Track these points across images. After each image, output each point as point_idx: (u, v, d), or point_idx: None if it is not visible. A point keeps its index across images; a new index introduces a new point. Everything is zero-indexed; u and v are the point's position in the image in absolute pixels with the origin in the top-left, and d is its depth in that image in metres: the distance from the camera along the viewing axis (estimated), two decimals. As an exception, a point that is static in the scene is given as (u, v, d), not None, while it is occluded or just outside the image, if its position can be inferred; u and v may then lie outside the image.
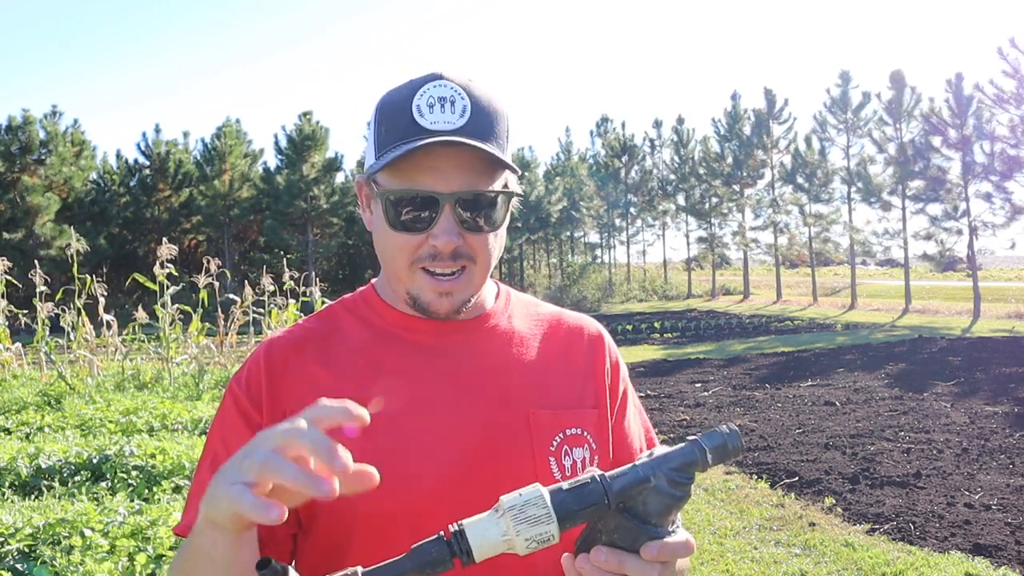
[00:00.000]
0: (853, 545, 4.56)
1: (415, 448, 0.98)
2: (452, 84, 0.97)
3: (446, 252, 0.97)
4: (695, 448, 0.78)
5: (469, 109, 0.96)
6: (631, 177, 35.39)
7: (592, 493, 0.75)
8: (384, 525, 0.95)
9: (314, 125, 29.66)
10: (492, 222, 0.99)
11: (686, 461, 0.77)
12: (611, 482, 0.76)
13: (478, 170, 0.97)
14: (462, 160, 0.95)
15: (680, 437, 7.40)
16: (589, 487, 0.76)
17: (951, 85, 20.50)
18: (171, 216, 30.93)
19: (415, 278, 0.99)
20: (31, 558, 3.36)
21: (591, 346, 1.15)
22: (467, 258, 0.98)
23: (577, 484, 0.76)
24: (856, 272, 26.68)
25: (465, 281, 0.99)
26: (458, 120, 0.95)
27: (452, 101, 0.96)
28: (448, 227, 0.95)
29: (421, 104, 0.96)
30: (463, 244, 0.97)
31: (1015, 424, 7.40)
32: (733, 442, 0.78)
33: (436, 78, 0.97)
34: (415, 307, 1.01)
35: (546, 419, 1.04)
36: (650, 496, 0.77)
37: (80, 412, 6.65)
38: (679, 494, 0.78)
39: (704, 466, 0.78)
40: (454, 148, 0.95)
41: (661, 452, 0.79)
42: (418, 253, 0.98)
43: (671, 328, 19.08)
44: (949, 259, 21.80)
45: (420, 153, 0.94)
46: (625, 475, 0.77)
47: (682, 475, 0.77)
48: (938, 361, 11.90)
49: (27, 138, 26.79)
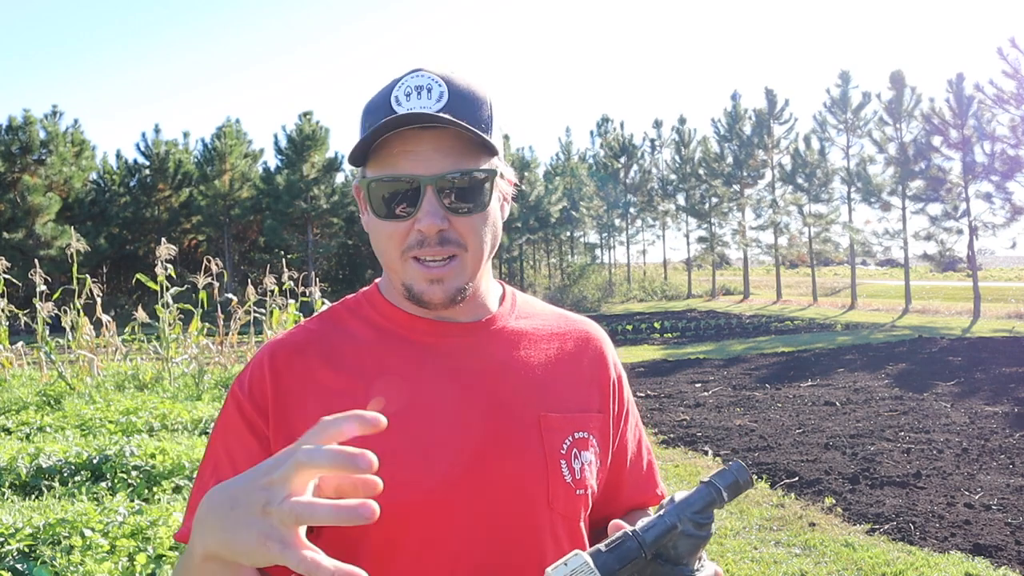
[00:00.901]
0: (853, 545, 4.56)
1: (423, 447, 0.97)
2: (430, 74, 0.98)
3: (431, 236, 0.96)
4: (711, 489, 0.86)
5: (446, 95, 0.96)
6: (631, 177, 35.39)
7: (631, 550, 0.82)
8: (397, 523, 0.95)
9: (314, 125, 29.64)
10: (478, 204, 0.98)
11: (706, 503, 0.86)
12: (644, 535, 0.84)
13: (459, 152, 0.96)
14: (441, 143, 0.95)
15: (680, 437, 7.40)
16: (627, 544, 0.83)
17: (951, 85, 20.49)
18: (171, 216, 30.92)
19: (407, 268, 0.99)
20: (31, 558, 3.36)
21: (596, 352, 1.16)
22: (456, 244, 0.97)
23: (615, 543, 0.83)
24: (856, 272, 26.67)
25: (457, 268, 0.98)
26: (434, 105, 0.95)
27: (429, 88, 0.96)
28: (431, 210, 0.95)
29: (399, 94, 0.97)
30: (449, 228, 0.97)
31: (1015, 424, 7.40)
32: (743, 477, 0.87)
33: (415, 71, 0.99)
34: (410, 298, 1.00)
35: (556, 422, 1.04)
36: (680, 540, 0.85)
37: (80, 412, 6.66)
38: (704, 534, 0.86)
39: (722, 504, 0.86)
40: (432, 132, 0.95)
41: (681, 497, 0.88)
42: (407, 242, 0.97)
43: (671, 328, 19.08)
44: (949, 259, 21.79)
45: (398, 139, 0.95)
46: (655, 526, 0.84)
47: (704, 516, 0.86)
48: (938, 361, 11.90)
49: (27, 138, 26.78)
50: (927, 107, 21.73)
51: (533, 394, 1.05)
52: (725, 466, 0.87)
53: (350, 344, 1.04)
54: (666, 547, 0.84)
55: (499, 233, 1.05)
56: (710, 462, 6.55)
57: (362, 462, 0.64)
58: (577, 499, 1.04)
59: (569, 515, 1.04)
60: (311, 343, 1.04)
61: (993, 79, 18.88)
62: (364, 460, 0.64)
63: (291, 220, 29.43)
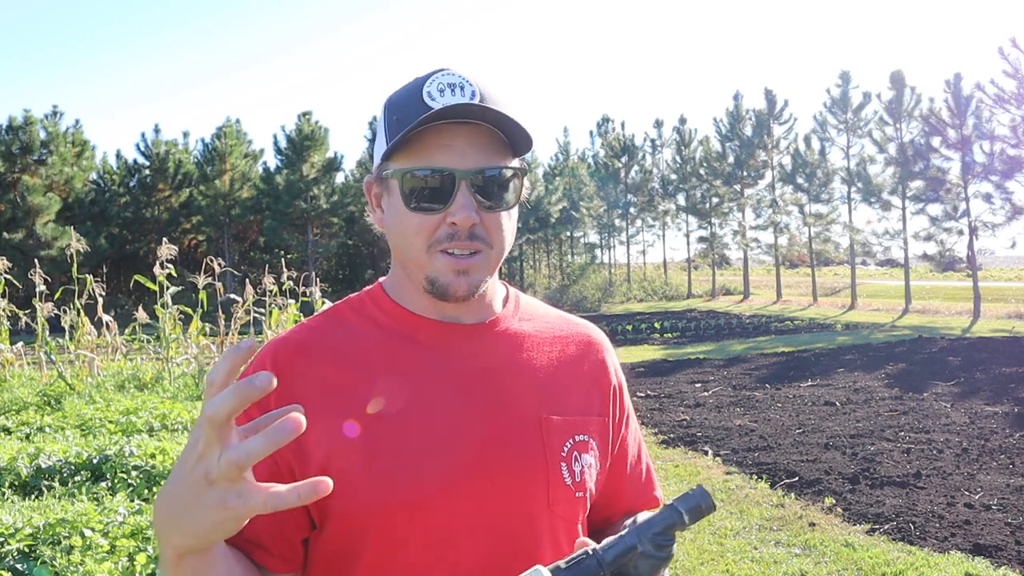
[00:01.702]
0: (853, 545, 4.56)
1: (424, 447, 0.97)
2: (459, 74, 0.98)
3: (465, 229, 0.96)
4: (673, 513, 0.88)
5: (479, 94, 0.97)
6: (631, 177, 35.40)
7: (589, 568, 0.83)
8: (398, 522, 0.95)
9: (313, 125, 29.65)
10: (506, 202, 0.99)
11: (667, 525, 0.87)
12: (603, 554, 0.85)
13: (492, 148, 0.97)
14: (476, 139, 0.96)
15: (680, 437, 7.41)
16: (585, 563, 0.83)
17: (949, 85, 20.50)
18: (171, 216, 30.94)
19: (434, 260, 0.98)
20: (31, 558, 3.36)
21: (597, 356, 1.16)
22: (482, 240, 0.98)
23: (573, 561, 0.84)
24: (856, 272, 26.67)
25: (482, 262, 0.99)
26: (469, 101, 0.96)
27: (461, 87, 0.97)
28: (466, 203, 0.95)
29: (431, 90, 0.97)
30: (479, 224, 0.97)
31: (1015, 424, 7.40)
32: (705, 501, 0.88)
33: (442, 70, 0.99)
34: (433, 291, 0.99)
35: (557, 424, 1.04)
36: (639, 561, 0.86)
37: (80, 412, 6.65)
38: (664, 555, 0.87)
39: (683, 527, 0.88)
40: (468, 127, 0.96)
41: (644, 518, 0.89)
42: (436, 235, 0.97)
43: (671, 328, 19.08)
44: (949, 259, 21.79)
45: (432, 132, 0.95)
46: (615, 546, 0.85)
47: (665, 538, 0.87)
48: (938, 361, 11.90)
49: (28, 138, 26.81)
50: (927, 107, 21.75)
51: (535, 396, 1.05)
52: (689, 490, 0.88)
53: (353, 342, 1.04)
54: (626, 566, 0.85)
55: (515, 231, 1.05)
56: (710, 462, 6.55)
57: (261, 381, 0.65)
58: (576, 501, 1.04)
59: (568, 517, 1.04)
60: (314, 341, 1.04)
61: (994, 79, 18.91)
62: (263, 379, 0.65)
63: (291, 220, 29.44)
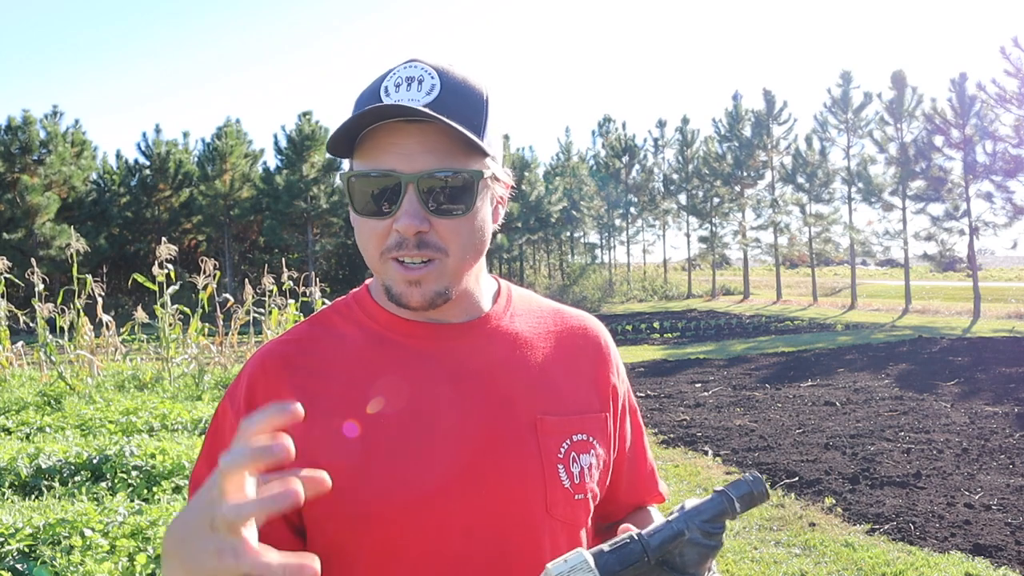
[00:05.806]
0: (853, 545, 4.56)
1: (415, 452, 0.95)
2: (424, 65, 0.93)
3: (409, 237, 0.91)
4: (723, 499, 0.84)
5: (438, 88, 0.90)
6: (632, 177, 35.39)
7: (633, 552, 0.81)
8: (392, 528, 0.93)
9: (314, 125, 29.65)
10: (464, 206, 0.92)
11: (716, 512, 0.84)
12: (649, 539, 0.82)
13: (446, 150, 0.90)
14: (428, 139, 0.90)
15: (680, 437, 7.40)
16: (629, 547, 0.81)
17: (954, 85, 20.47)
18: (171, 216, 30.93)
19: (387, 268, 0.94)
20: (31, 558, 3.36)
21: (595, 348, 1.12)
22: (434, 248, 0.92)
23: (618, 544, 0.81)
24: (856, 272, 26.66)
25: (436, 271, 0.93)
26: (423, 98, 0.90)
27: (420, 80, 0.91)
28: (411, 210, 0.90)
29: (389, 85, 0.92)
30: (430, 231, 0.91)
31: (1015, 424, 7.40)
32: (758, 488, 0.85)
33: (410, 61, 0.94)
34: (391, 299, 0.97)
35: (553, 425, 1.01)
36: (686, 548, 0.83)
37: (80, 412, 6.66)
38: (713, 543, 0.84)
39: (734, 515, 0.85)
40: (419, 126, 0.89)
41: (692, 505, 0.86)
42: (387, 242, 0.93)
43: (671, 328, 19.07)
44: (949, 259, 21.79)
45: (384, 132, 0.90)
46: (661, 531, 0.83)
47: (714, 525, 0.84)
48: (938, 361, 11.90)
49: (27, 138, 26.78)
50: (928, 107, 21.73)
51: (529, 396, 1.01)
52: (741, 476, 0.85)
53: (340, 350, 1.01)
54: (672, 554, 0.82)
55: (487, 237, 0.99)
56: (710, 462, 6.55)
57: (277, 450, 0.64)
58: (576, 504, 1.01)
59: (569, 521, 1.01)
60: (301, 353, 1.01)
61: (995, 78, 18.90)
62: (279, 448, 0.64)
63: (291, 220, 29.44)
